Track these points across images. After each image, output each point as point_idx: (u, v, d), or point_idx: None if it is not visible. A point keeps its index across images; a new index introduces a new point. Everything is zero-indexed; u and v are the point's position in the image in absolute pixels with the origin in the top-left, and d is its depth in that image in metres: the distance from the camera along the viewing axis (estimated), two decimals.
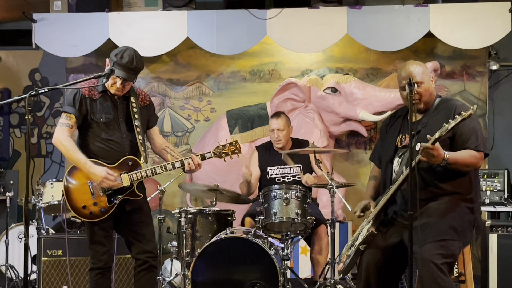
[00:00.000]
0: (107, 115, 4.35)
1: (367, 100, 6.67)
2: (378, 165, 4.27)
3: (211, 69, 7.31)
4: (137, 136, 4.37)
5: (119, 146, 4.36)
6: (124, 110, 4.41)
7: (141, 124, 4.43)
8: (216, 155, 4.53)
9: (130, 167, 4.35)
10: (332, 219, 5.14)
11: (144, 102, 4.54)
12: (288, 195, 5.08)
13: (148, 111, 4.58)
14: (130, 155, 4.36)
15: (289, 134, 5.95)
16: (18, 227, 6.63)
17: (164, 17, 6.68)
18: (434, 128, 3.73)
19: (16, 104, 8.35)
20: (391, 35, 6.44)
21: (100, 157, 4.33)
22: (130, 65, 4.26)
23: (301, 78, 6.96)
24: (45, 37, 6.65)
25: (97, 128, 4.35)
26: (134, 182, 4.33)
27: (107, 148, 4.34)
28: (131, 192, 4.35)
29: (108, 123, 4.35)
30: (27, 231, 3.63)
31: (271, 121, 5.98)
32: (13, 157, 8.36)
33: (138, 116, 4.41)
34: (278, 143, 5.90)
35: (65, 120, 4.31)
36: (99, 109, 4.34)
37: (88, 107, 4.33)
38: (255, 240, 4.85)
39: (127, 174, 4.32)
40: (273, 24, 6.50)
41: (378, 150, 4.32)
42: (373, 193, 4.25)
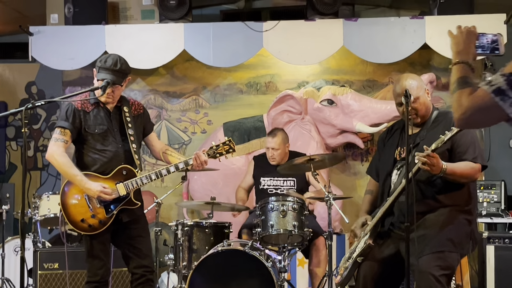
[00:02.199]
0: (101, 126, 4.35)
1: (364, 112, 6.68)
2: (376, 178, 4.27)
3: (208, 82, 7.32)
4: (131, 145, 4.37)
5: (115, 156, 4.36)
6: (118, 120, 4.41)
7: (135, 132, 4.42)
8: (210, 156, 4.49)
9: (125, 176, 4.34)
10: (329, 231, 5.13)
11: (138, 111, 4.53)
12: (285, 207, 5.07)
13: (143, 119, 4.57)
14: (126, 164, 4.36)
15: (285, 152, 5.97)
16: (14, 240, 6.60)
17: (160, 30, 6.69)
18: (432, 141, 3.73)
19: (13, 117, 8.35)
20: (387, 47, 6.46)
21: (97, 168, 4.32)
22: (114, 67, 4.26)
23: (298, 90, 6.97)
24: (41, 50, 6.65)
25: (92, 140, 4.34)
26: (130, 191, 4.32)
27: (104, 159, 4.34)
28: (128, 201, 4.34)
29: (102, 134, 4.35)
30: (23, 244, 3.61)
31: (267, 139, 6.02)
32: (9, 170, 8.35)
33: (132, 125, 4.41)
34: (272, 161, 5.94)
35: (59, 136, 4.30)
36: (92, 121, 4.34)
37: (81, 120, 4.32)
38: (252, 252, 4.83)
39: (122, 183, 4.31)
40: (270, 37, 6.52)
41: (376, 163, 4.31)
42: (369, 208, 4.24)
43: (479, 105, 2.23)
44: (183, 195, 7.09)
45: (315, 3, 6.52)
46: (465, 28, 2.54)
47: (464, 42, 2.51)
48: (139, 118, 4.52)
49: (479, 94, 2.24)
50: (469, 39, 2.51)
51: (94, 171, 4.33)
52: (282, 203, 5.10)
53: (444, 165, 3.71)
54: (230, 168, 6.79)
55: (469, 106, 2.25)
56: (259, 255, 4.82)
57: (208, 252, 5.00)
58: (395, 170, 4.04)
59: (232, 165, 6.82)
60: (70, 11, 6.63)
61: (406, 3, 7.15)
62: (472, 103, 2.25)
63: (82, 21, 6.62)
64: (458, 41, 2.52)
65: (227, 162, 6.70)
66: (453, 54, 2.51)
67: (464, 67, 2.44)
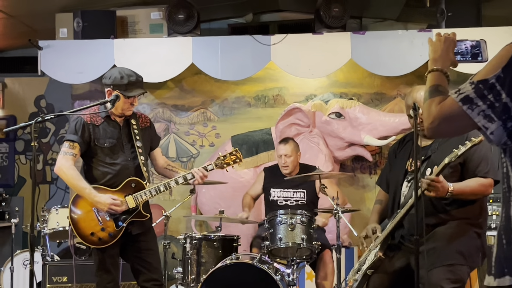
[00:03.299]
0: (111, 140, 4.37)
1: (372, 124, 6.68)
2: (386, 189, 4.25)
3: (216, 95, 7.34)
4: (139, 157, 4.39)
5: (124, 169, 4.37)
6: (126, 133, 4.44)
7: (143, 145, 4.45)
8: (218, 166, 4.53)
9: (134, 188, 4.35)
10: (338, 244, 5.12)
11: (145, 123, 4.57)
12: (293, 220, 5.07)
13: (150, 132, 4.61)
14: (134, 177, 4.37)
15: (297, 160, 5.97)
16: (23, 253, 6.62)
17: (169, 44, 6.72)
18: (444, 153, 3.71)
19: (22, 131, 8.39)
20: (395, 60, 6.46)
21: (106, 181, 4.34)
22: (139, 78, 4.38)
23: (306, 103, 6.98)
24: (51, 64, 6.68)
25: (101, 154, 4.36)
26: (139, 203, 4.34)
27: (113, 172, 4.35)
28: (138, 213, 4.36)
29: (112, 148, 4.37)
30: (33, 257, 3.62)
31: (279, 146, 6.00)
32: (18, 184, 8.38)
33: (140, 137, 4.44)
34: (285, 169, 5.91)
35: (68, 149, 4.31)
36: (102, 134, 4.37)
37: (91, 133, 4.34)
38: (261, 265, 4.83)
39: (131, 195, 4.33)
40: (278, 50, 6.54)
41: (386, 174, 4.30)
42: (378, 218, 4.23)
43: (447, 114, 2.19)
44: (191, 208, 7.09)
45: (322, 17, 6.53)
46: (444, 35, 2.52)
47: (441, 49, 2.48)
48: (146, 131, 4.55)
49: (447, 103, 2.21)
50: (446, 46, 2.48)
51: (102, 184, 4.34)
52: (291, 216, 5.10)
53: (450, 187, 3.68)
54: (239, 181, 6.80)
55: (437, 115, 2.22)
56: (267, 269, 4.81)
57: (217, 265, 4.99)
58: (405, 182, 4.03)
59: (241, 178, 6.82)
60: (79, 25, 6.68)
61: (414, 16, 7.15)
62: (440, 112, 2.21)
63: (91, 35, 6.66)
64: (436, 48, 2.49)
65: (235, 175, 6.72)
66: (430, 61, 2.49)
67: (439, 75, 2.42)
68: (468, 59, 2.49)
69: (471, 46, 2.49)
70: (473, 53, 2.48)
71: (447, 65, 2.44)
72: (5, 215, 7.78)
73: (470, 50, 2.49)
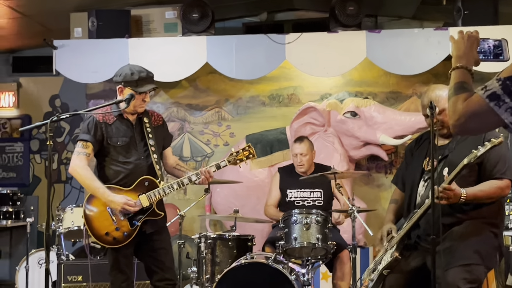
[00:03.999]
0: (124, 138, 4.38)
1: (387, 124, 6.66)
2: (401, 188, 4.23)
3: (230, 94, 7.35)
4: (152, 155, 4.39)
5: (137, 167, 4.38)
6: (139, 131, 4.45)
7: (156, 143, 4.46)
8: (231, 162, 4.51)
9: (147, 187, 4.36)
10: (353, 244, 5.11)
11: (158, 122, 4.58)
12: (308, 219, 5.06)
13: (163, 130, 4.61)
14: (148, 176, 4.38)
15: (312, 159, 5.95)
16: (38, 253, 6.65)
17: (183, 43, 6.74)
18: (461, 153, 3.68)
19: (37, 130, 8.44)
20: (411, 59, 6.44)
21: (119, 180, 4.35)
22: (150, 74, 4.39)
23: (321, 102, 6.98)
24: (65, 63, 6.72)
25: (114, 152, 4.37)
26: (153, 202, 4.35)
27: (126, 171, 4.36)
28: (152, 212, 4.36)
29: (125, 146, 4.38)
30: (48, 256, 3.64)
31: (294, 145, 5.99)
32: (33, 183, 8.43)
33: (152, 135, 4.44)
34: (301, 168, 5.90)
35: (82, 149, 4.33)
36: (115, 133, 4.37)
37: (103, 132, 4.35)
38: (276, 265, 4.83)
39: (145, 194, 4.34)
40: (292, 49, 6.54)
41: (402, 172, 4.27)
42: (393, 217, 4.21)
43: (474, 111, 2.18)
44: (206, 208, 7.11)
45: (337, 15, 6.52)
46: (467, 33, 2.51)
47: (465, 47, 2.48)
48: (159, 129, 4.55)
49: (474, 100, 2.20)
50: (470, 44, 2.48)
51: (116, 183, 4.35)
52: (306, 215, 5.09)
53: (463, 193, 3.65)
54: (253, 180, 6.81)
55: (464, 112, 2.21)
56: (282, 268, 4.81)
57: (231, 265, 5.00)
58: (422, 181, 4.00)
59: (255, 178, 6.83)
60: (93, 24, 6.71)
61: (430, 14, 7.13)
62: (467, 109, 2.20)
63: (105, 35, 6.69)
64: (459, 46, 2.49)
65: (249, 175, 6.73)
66: (453, 59, 2.48)
67: (463, 72, 2.41)
68: (490, 58, 2.49)
69: (494, 45, 2.49)
70: (495, 53, 2.48)
71: (470, 63, 2.44)
72: (20, 214, 7.84)
73: (493, 49, 2.48)
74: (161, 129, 4.59)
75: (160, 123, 4.59)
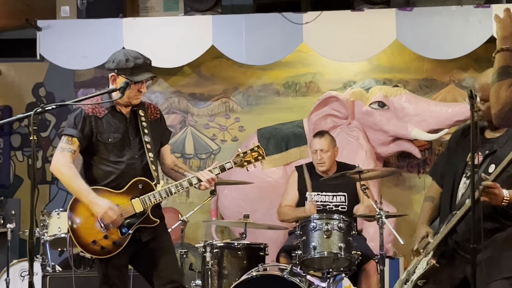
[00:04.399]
0: (116, 134, 4.35)
1: (420, 116, 6.65)
2: (439, 182, 4.17)
3: (240, 82, 7.36)
4: (148, 154, 4.37)
5: (131, 168, 4.35)
6: (134, 126, 4.42)
7: (153, 140, 4.43)
8: (237, 164, 4.48)
9: (141, 190, 4.34)
10: (381, 254, 5.10)
11: (155, 115, 4.55)
12: (329, 226, 5.06)
13: (161, 125, 4.60)
14: (142, 177, 4.37)
15: (334, 156, 5.94)
16: (21, 263, 6.68)
17: (185, 23, 6.75)
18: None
19: (18, 124, 8.49)
20: (448, 41, 6.43)
21: (109, 182, 4.34)
22: (147, 61, 4.37)
23: (343, 91, 6.97)
24: (51, 47, 6.75)
25: (104, 150, 4.35)
26: (147, 207, 4.33)
27: (117, 171, 4.33)
28: (145, 218, 4.35)
29: (117, 144, 4.35)
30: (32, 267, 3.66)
31: (314, 140, 5.98)
32: (14, 184, 8.47)
33: (148, 131, 4.42)
34: (321, 166, 5.89)
35: (66, 145, 4.29)
36: (106, 128, 4.34)
37: (93, 127, 4.32)
38: (292, 278, 4.83)
39: (138, 198, 4.32)
40: (311, 30, 6.53)
41: (442, 165, 4.20)
42: (429, 217, 4.17)
43: None
44: (211, 212, 7.12)
45: None
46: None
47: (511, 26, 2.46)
48: (156, 124, 4.53)
49: None
50: None
51: (105, 185, 4.32)
52: (326, 221, 5.08)
53: (506, 195, 3.64)
54: (266, 181, 6.81)
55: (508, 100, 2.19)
56: (299, 282, 4.82)
57: (241, 278, 5.01)
58: (464, 177, 3.96)
59: (268, 178, 6.83)
60: (83, 2, 6.74)
61: None
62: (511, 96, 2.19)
63: (96, 14, 6.72)
64: (505, 25, 2.48)
65: (262, 175, 6.73)
66: (498, 40, 2.47)
67: (509, 55, 2.40)
68: None
69: None
70: None
71: None
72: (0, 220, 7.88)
73: None
74: (159, 124, 4.58)
75: (157, 116, 4.57)
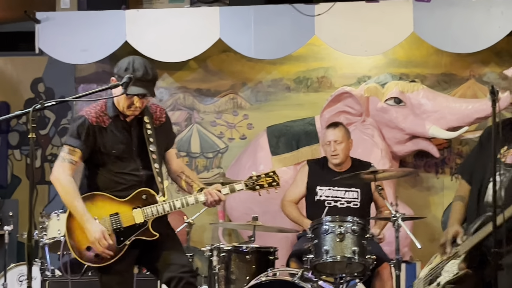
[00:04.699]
0: (119, 146, 4.32)
1: (439, 112, 6.63)
2: (469, 180, 4.12)
3: (248, 77, 7.36)
4: (153, 165, 4.36)
5: (134, 179, 4.35)
6: (137, 135, 4.40)
7: (158, 148, 4.39)
8: (248, 187, 4.49)
9: (144, 201, 4.34)
10: (397, 259, 5.09)
11: (160, 120, 4.50)
12: (342, 229, 5.04)
13: (166, 130, 4.56)
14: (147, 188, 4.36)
15: (348, 149, 5.91)
16: (18, 267, 6.69)
17: (191, 15, 6.76)
18: None
19: (16, 121, 8.48)
20: (468, 33, 6.41)
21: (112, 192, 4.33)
22: (147, 77, 4.21)
23: (357, 87, 6.97)
24: (50, 40, 6.77)
25: (108, 161, 4.33)
26: (148, 219, 4.32)
27: (120, 181, 4.33)
28: (144, 230, 4.34)
29: (120, 155, 4.34)
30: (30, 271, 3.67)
31: (327, 131, 5.95)
32: (11, 184, 8.47)
33: (154, 139, 4.39)
34: (335, 158, 5.85)
35: (67, 155, 4.27)
36: (110, 139, 4.31)
37: (96, 137, 4.30)
38: (303, 284, 4.83)
39: (140, 209, 4.32)
40: (323, 22, 6.52)
41: (472, 162, 4.15)
42: (460, 217, 4.13)
43: None
44: (218, 214, 7.12)
45: None
46: None
47: None
48: (161, 129, 4.49)
49: None
50: None
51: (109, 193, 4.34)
52: (339, 224, 5.07)
53: None
54: None
55: None
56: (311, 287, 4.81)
57: (249, 283, 5.01)
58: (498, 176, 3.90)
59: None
60: None
61: None
62: None
63: (98, 6, 6.73)
64: None
65: None
66: None
67: None
68: None
69: None
70: None
71: None
72: None
73: None
74: (164, 128, 4.54)
75: (162, 120, 4.52)
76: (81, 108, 7.21)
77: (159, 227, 4.40)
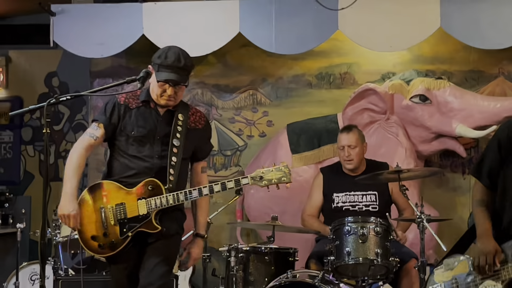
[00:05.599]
0: (141, 129, 4.38)
1: (466, 111, 6.61)
2: (488, 185, 4.01)
3: (268, 73, 7.36)
4: (170, 157, 4.37)
5: (146, 165, 4.36)
6: (165, 125, 4.43)
7: (184, 146, 4.40)
8: (255, 180, 4.45)
9: (150, 191, 4.34)
10: (422, 262, 5.08)
11: (196, 124, 4.50)
12: (365, 230, 5.04)
13: (201, 136, 4.54)
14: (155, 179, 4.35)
15: (362, 153, 5.93)
16: (31, 266, 6.73)
17: (210, 8, 6.76)
18: None
19: (30, 116, 8.53)
20: (497, 29, 6.38)
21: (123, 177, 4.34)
22: (178, 64, 4.28)
23: (382, 84, 6.95)
24: (65, 33, 6.80)
25: (125, 142, 4.39)
26: (151, 211, 4.32)
27: (132, 165, 4.35)
28: (147, 222, 4.33)
29: (139, 138, 4.38)
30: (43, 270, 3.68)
31: (341, 136, 5.98)
32: (24, 181, 8.53)
33: (181, 136, 4.40)
34: (349, 163, 5.88)
35: (91, 130, 4.40)
36: (133, 120, 4.39)
37: (120, 116, 4.39)
38: (324, 286, 4.84)
39: (144, 200, 4.33)
40: (347, 16, 6.51)
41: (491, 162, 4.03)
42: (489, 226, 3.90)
43: None
44: (236, 214, 7.14)
45: None
46: None
47: None
48: (196, 133, 4.48)
49: None
50: None
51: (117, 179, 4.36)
52: (362, 225, 5.07)
53: None
54: (296, 180, 6.74)
55: None
56: None
57: (268, 285, 5.01)
58: None
59: (299, 177, 6.81)
60: None
61: None
62: None
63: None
64: None
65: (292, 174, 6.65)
66: None
67: None
68: None
69: None
70: None
71: None
72: (8, 219, 7.93)
73: None
74: (198, 134, 4.52)
75: (198, 126, 4.52)
76: (96, 103, 7.35)
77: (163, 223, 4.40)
